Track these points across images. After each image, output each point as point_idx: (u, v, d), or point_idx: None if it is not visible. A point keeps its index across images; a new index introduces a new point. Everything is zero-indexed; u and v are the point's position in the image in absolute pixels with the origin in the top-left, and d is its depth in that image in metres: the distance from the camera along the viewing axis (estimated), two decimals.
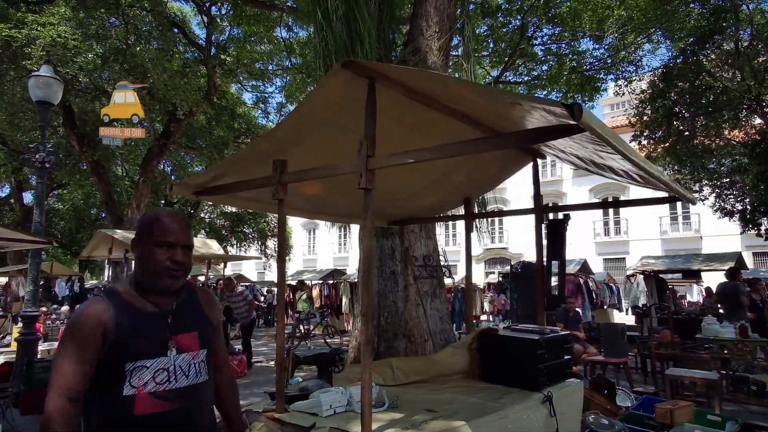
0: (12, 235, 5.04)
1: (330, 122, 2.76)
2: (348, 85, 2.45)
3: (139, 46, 11.93)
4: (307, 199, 3.67)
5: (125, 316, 1.48)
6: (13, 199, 21.44)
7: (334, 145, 2.96)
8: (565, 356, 3.24)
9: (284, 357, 2.67)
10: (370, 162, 2.33)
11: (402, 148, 2.53)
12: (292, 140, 2.82)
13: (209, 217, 24.97)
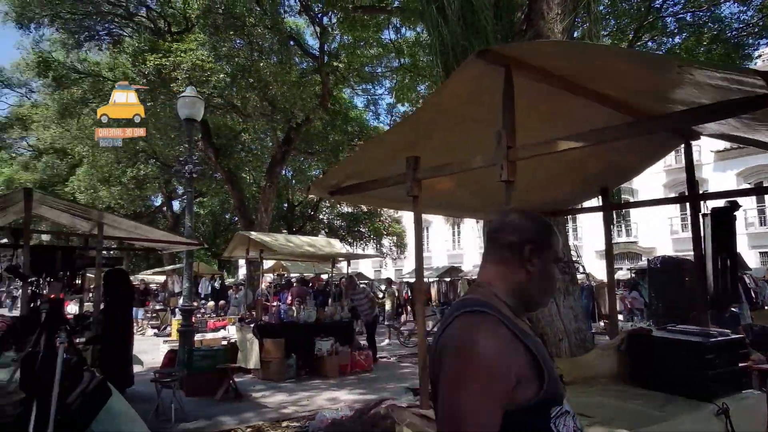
0: (172, 237, 5.72)
1: (461, 116, 2.70)
2: (481, 75, 2.38)
3: (262, 61, 12.93)
4: (436, 196, 3.65)
5: (531, 344, 1.09)
6: (165, 207, 24.44)
7: (465, 139, 2.90)
8: (740, 363, 2.83)
9: (426, 353, 2.67)
10: (510, 153, 2.24)
11: (537, 137, 2.40)
12: (422, 136, 2.81)
13: (328, 218, 26.24)
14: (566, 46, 2.80)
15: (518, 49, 2.34)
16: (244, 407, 6.63)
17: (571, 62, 2.43)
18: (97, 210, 6.31)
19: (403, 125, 3.13)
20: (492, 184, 2.78)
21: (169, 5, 14.19)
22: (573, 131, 2.33)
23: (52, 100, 16.76)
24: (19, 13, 12.60)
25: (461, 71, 2.40)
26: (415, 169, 2.72)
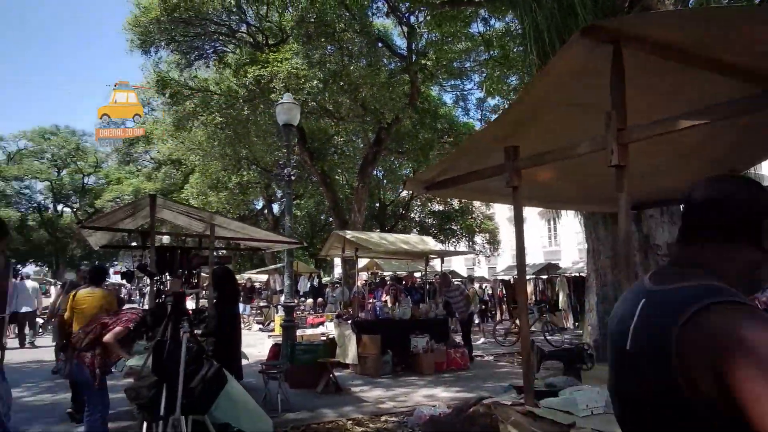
0: (275, 237, 6.07)
1: (563, 101, 2.55)
2: (586, 55, 2.22)
3: (352, 65, 13.28)
4: (536, 187, 3.49)
5: None
6: (266, 210, 26.04)
7: (568, 125, 2.74)
8: None
9: (530, 351, 2.56)
10: (621, 135, 2.06)
11: (650, 117, 2.19)
12: (520, 126, 2.70)
13: (419, 217, 26.33)
14: (687, 14, 2.53)
15: (631, 23, 2.14)
16: (343, 400, 6.85)
17: (692, 32, 2.18)
18: (208, 212, 6.87)
19: (501, 117, 3.01)
20: (599, 172, 2.60)
21: (266, 20, 15.07)
22: (691, 108, 2.10)
23: (168, 115, 18.59)
24: (143, 40, 14.11)
25: (563, 53, 2.25)
26: (514, 159, 2.61)
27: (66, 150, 40.40)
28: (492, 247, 26.18)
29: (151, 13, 13.32)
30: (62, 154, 40.43)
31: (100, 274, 5.61)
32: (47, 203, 42.76)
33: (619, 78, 2.12)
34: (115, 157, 37.03)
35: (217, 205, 21.76)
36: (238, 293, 5.50)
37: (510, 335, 12.92)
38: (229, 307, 4.92)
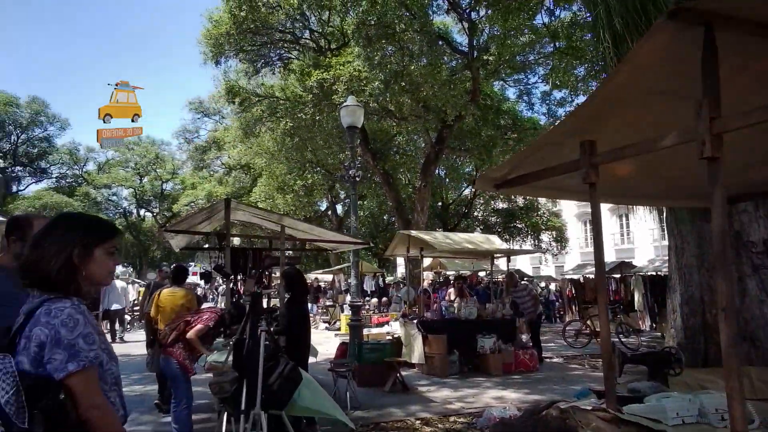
0: (342, 238, 6.18)
1: (646, 90, 2.40)
2: (672, 40, 2.07)
3: (412, 65, 13.28)
4: (613, 183, 3.32)
5: None
6: (330, 211, 26.62)
7: (650, 117, 2.58)
8: None
9: (611, 353, 2.44)
10: (714, 125, 1.91)
11: (746, 104, 2.01)
12: (597, 119, 2.57)
13: (482, 215, 25.90)
14: None
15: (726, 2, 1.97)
16: (411, 400, 6.86)
17: None
18: (278, 214, 7.12)
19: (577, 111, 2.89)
20: (685, 165, 2.44)
21: (328, 24, 15.41)
22: None
23: (238, 122, 19.49)
24: (215, 53, 14.89)
25: (648, 39, 2.11)
26: (591, 154, 2.50)
27: (147, 159, 43.52)
28: (559, 245, 25.25)
29: (222, 27, 14.01)
30: (144, 162, 43.59)
31: (182, 275, 5.96)
32: (131, 208, 46.29)
33: (712, 62, 1.96)
34: (189, 164, 39.36)
35: (283, 207, 22.52)
36: (308, 293, 5.65)
37: (581, 336, 12.39)
38: (299, 307, 5.06)
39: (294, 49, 16.87)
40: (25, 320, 1.49)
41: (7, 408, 1.34)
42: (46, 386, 1.42)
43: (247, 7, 13.21)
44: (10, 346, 1.46)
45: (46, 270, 1.52)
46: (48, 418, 1.38)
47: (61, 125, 43.39)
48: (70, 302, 1.52)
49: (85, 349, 1.46)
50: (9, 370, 1.38)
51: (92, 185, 42.99)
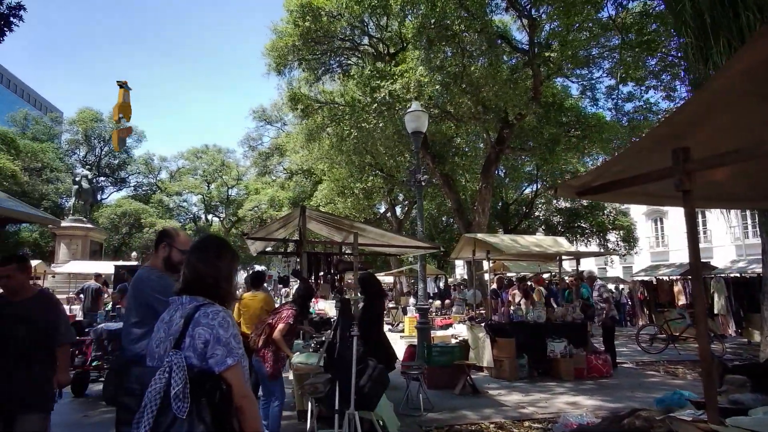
0: (412, 242, 6.29)
1: (745, 92, 2.34)
2: None
3: (472, 66, 13.20)
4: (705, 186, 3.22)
5: None
6: (389, 213, 26.88)
7: (747, 119, 2.50)
8: None
9: (711, 362, 2.40)
10: None
11: None
12: (692, 125, 2.53)
13: (543, 215, 25.26)
14: None
15: None
16: (482, 403, 6.87)
17: None
18: (349, 220, 7.35)
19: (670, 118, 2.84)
20: None
21: (386, 30, 15.62)
22: None
23: (300, 129, 20.14)
24: (279, 63, 15.51)
25: (752, 45, 2.06)
26: (685, 161, 2.46)
27: (214, 166, 45.88)
28: (627, 245, 24.13)
29: (285, 38, 14.57)
30: (211, 170, 45.98)
31: (260, 279, 6.30)
32: (200, 214, 48.88)
33: None
34: (253, 170, 41.04)
35: (344, 211, 23.00)
36: (382, 296, 5.80)
37: (656, 341, 11.86)
38: (376, 311, 5.23)
39: (353, 56, 17.22)
40: (185, 323, 1.72)
41: (176, 400, 1.56)
42: (208, 378, 1.64)
43: (311, 18, 13.66)
44: (178, 344, 1.69)
45: (219, 284, 1.83)
46: (213, 406, 1.60)
47: (138, 137, 46.58)
48: (221, 308, 1.77)
49: (236, 347, 1.72)
50: (181, 365, 1.61)
51: (165, 192, 45.85)
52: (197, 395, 1.60)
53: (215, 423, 1.61)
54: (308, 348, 5.23)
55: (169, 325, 1.78)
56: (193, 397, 1.59)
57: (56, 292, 18.02)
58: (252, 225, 39.05)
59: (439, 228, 28.49)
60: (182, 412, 1.57)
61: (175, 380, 1.59)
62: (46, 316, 3.21)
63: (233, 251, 1.95)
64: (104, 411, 6.37)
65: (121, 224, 38.99)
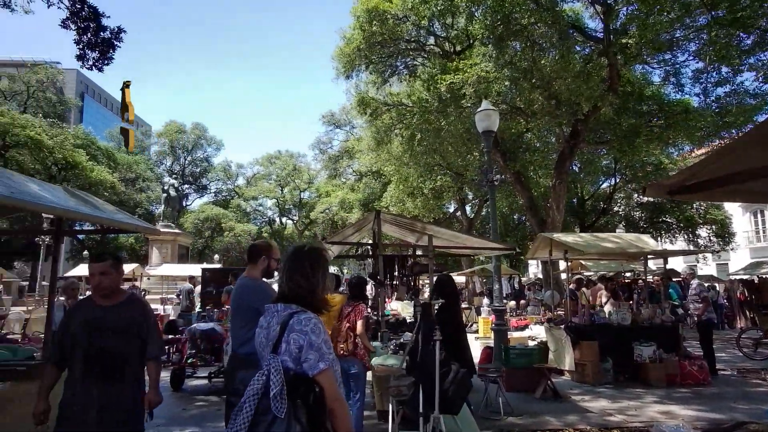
0: (487, 244, 6.21)
1: None
2: None
3: (543, 59, 12.78)
4: None
5: None
6: (459, 212, 26.64)
7: None
8: None
9: None
10: None
11: None
12: None
13: (624, 210, 23.92)
14: None
15: None
16: (565, 408, 6.64)
17: None
18: (421, 222, 7.39)
19: None
20: None
21: (452, 28, 15.51)
22: None
23: (368, 131, 20.47)
24: (347, 68, 15.88)
25: None
26: None
27: (287, 171, 47.85)
28: (722, 240, 22.24)
29: (353, 43, 14.88)
30: (284, 174, 47.99)
31: (337, 282, 6.49)
32: (274, 217, 51.12)
33: None
34: (324, 173, 42.29)
35: (413, 211, 23.08)
36: (458, 297, 5.77)
37: (761, 347, 10.86)
38: (453, 313, 5.21)
39: (419, 56, 17.24)
40: (281, 329, 1.85)
41: (274, 401, 1.68)
42: (303, 381, 1.75)
43: (377, 22, 13.85)
44: (275, 349, 1.82)
45: (312, 294, 1.95)
46: (308, 407, 1.70)
47: (217, 146, 49.67)
48: (313, 315, 1.89)
49: (327, 352, 1.82)
50: (279, 368, 1.73)
51: (242, 198, 48.44)
52: (293, 397, 1.71)
53: (310, 423, 1.71)
54: (387, 349, 5.33)
55: (267, 331, 1.91)
56: (289, 398, 1.71)
57: (150, 293, 19.64)
58: (324, 227, 40.27)
59: (510, 226, 27.81)
60: (281, 412, 1.68)
61: (273, 382, 1.72)
62: (138, 326, 2.89)
63: (326, 261, 2.05)
64: (201, 405, 6.86)
65: (203, 228, 41.64)
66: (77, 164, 30.63)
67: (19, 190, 3.12)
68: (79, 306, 3.01)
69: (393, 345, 5.15)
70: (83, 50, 9.52)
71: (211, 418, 6.14)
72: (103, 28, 9.48)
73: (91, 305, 2.88)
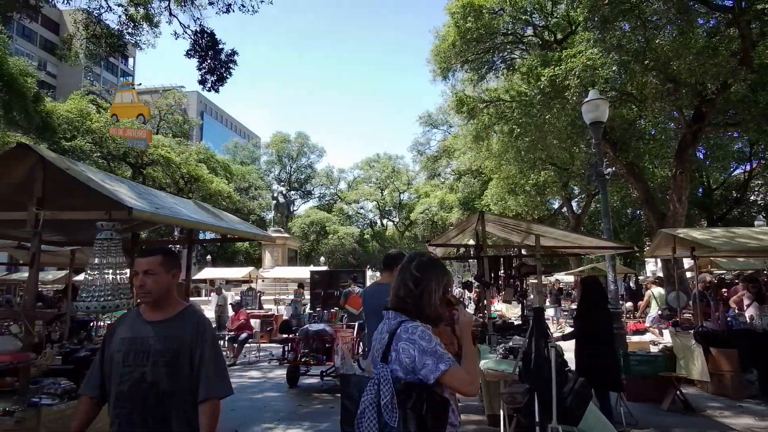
0: (601, 243, 5.81)
1: None
2: None
3: (657, 38, 11.67)
4: None
5: None
6: (564, 209, 25.28)
7: None
8: None
9: None
10: None
11: None
12: None
13: (762, 199, 21.07)
14: None
15: None
16: (699, 423, 6.00)
17: None
18: (527, 222, 7.12)
19: None
20: None
21: (552, 16, 14.78)
22: None
23: (466, 130, 20.21)
24: (443, 68, 15.84)
25: None
26: None
27: (386, 173, 48.90)
28: None
29: (448, 40, 14.78)
30: (383, 177, 49.11)
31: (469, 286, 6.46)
32: (375, 219, 52.43)
33: None
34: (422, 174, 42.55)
35: (515, 209, 22.33)
36: (605, 300, 5.33)
37: None
38: (600, 316, 4.92)
39: (516, 49, 16.66)
40: (390, 338, 1.88)
41: (385, 410, 1.71)
42: (414, 390, 1.76)
43: (473, 17, 13.63)
44: (385, 358, 1.85)
45: (426, 303, 1.93)
46: (419, 418, 1.71)
47: (319, 153, 52.24)
48: (420, 323, 1.88)
49: (443, 353, 1.79)
50: (388, 377, 1.76)
51: (344, 201, 50.39)
52: (404, 406, 1.72)
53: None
54: (495, 353, 5.20)
55: (379, 338, 1.95)
56: (401, 407, 1.72)
57: (265, 295, 21.09)
58: (424, 227, 40.42)
59: (622, 221, 25.83)
60: (393, 421, 1.71)
61: (383, 392, 1.74)
62: (190, 350, 2.08)
63: (437, 268, 2.01)
64: (316, 402, 7.23)
65: (309, 232, 43.91)
66: (199, 177, 33.89)
67: (163, 206, 3.52)
68: (123, 319, 2.23)
69: (502, 349, 5.00)
70: (204, 75, 10.58)
71: (324, 416, 6.44)
72: (219, 51, 10.47)
73: (137, 318, 2.14)
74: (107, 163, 28.89)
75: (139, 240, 5.72)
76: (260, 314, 14.96)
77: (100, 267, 3.26)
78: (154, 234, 27.08)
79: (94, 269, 3.26)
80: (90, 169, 3.94)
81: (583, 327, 4.65)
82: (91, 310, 3.23)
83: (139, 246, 5.13)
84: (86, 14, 11.61)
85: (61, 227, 4.90)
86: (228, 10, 10.45)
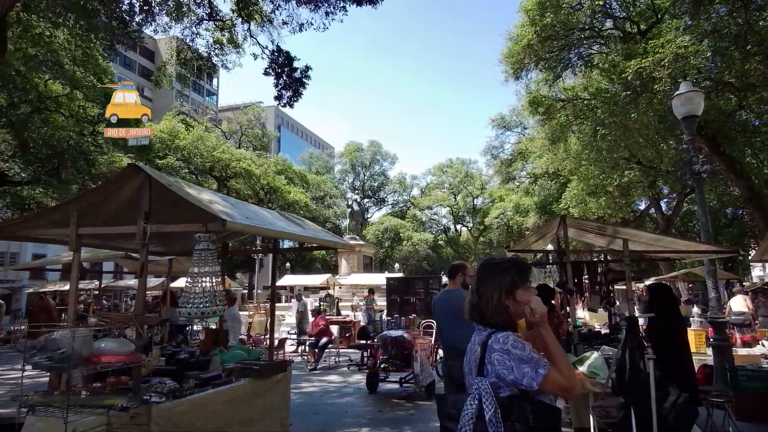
0: (699, 247, 5.38)
1: None
2: None
3: (761, 20, 10.62)
4: None
5: None
6: (652, 210, 23.61)
7: None
8: None
9: None
10: None
11: None
12: None
13: None
14: None
15: None
16: None
17: None
18: (613, 226, 6.75)
19: None
20: None
21: (634, 5, 13.96)
22: None
23: (542, 131, 19.51)
24: (515, 68, 15.44)
25: None
26: None
27: (459, 178, 48.40)
28: None
29: (522, 41, 14.39)
30: (456, 182, 48.64)
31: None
32: (449, 225, 51.99)
33: None
34: (496, 178, 41.62)
35: (597, 211, 21.17)
36: (675, 307, 4.96)
37: None
38: (672, 326, 4.59)
39: (595, 44, 15.85)
40: (482, 350, 1.86)
41: (490, 424, 1.69)
42: (516, 402, 1.74)
43: (551, 13, 13.20)
44: (480, 371, 1.83)
45: (485, 310, 1.91)
46: (527, 428, 1.68)
47: (392, 160, 52.80)
48: (510, 333, 1.84)
49: (539, 358, 1.77)
50: (489, 391, 1.74)
51: (417, 207, 50.45)
52: (508, 419, 1.70)
53: None
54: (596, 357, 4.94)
55: (473, 351, 1.93)
56: (504, 420, 1.70)
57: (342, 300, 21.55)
58: (499, 232, 39.45)
59: (721, 222, 23.67)
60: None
61: (486, 406, 1.72)
62: None
63: (492, 270, 1.96)
64: (396, 409, 7.27)
65: (384, 239, 44.35)
66: (278, 188, 35.44)
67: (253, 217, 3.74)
68: None
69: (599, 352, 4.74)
70: (280, 91, 11.11)
71: (405, 422, 6.46)
72: (294, 69, 10.94)
73: None
74: (195, 177, 31.04)
75: (228, 249, 6.10)
76: (339, 320, 15.32)
77: (199, 276, 3.52)
78: (238, 243, 28.74)
79: (194, 278, 3.53)
80: (188, 184, 4.27)
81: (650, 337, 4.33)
82: (192, 315, 3.50)
83: (228, 254, 5.46)
84: (179, 41, 12.65)
85: (160, 238, 5.33)
86: (301, 29, 10.97)
